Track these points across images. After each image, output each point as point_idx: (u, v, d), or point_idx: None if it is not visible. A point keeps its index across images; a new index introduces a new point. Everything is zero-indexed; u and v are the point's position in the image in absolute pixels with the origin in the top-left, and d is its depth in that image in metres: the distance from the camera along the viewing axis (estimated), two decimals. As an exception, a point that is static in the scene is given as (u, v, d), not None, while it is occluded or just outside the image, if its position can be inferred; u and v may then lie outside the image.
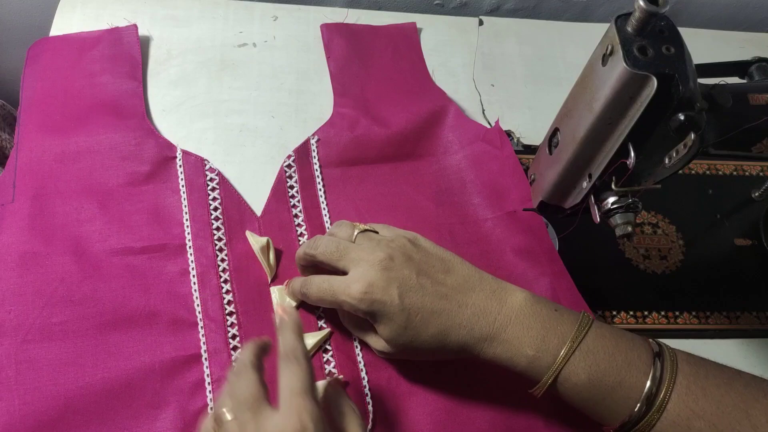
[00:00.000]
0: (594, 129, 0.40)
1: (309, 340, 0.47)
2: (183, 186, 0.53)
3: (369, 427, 0.45)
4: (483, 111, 0.64)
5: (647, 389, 0.38)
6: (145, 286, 0.48)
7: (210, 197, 0.53)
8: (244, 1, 0.68)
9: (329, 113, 0.59)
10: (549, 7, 0.78)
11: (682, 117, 0.37)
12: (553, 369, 0.39)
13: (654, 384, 0.38)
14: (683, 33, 0.37)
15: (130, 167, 0.53)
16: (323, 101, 0.61)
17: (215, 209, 0.52)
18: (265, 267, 0.50)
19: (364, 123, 0.58)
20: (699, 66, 0.40)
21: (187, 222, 0.51)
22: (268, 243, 0.50)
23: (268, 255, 0.50)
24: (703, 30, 0.75)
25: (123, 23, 0.61)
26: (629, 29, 0.37)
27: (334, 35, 0.64)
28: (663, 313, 0.55)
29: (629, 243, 0.58)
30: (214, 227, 0.51)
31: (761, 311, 0.56)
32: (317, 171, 0.56)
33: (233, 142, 0.58)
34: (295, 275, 0.50)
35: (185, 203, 0.52)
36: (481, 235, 0.54)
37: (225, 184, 0.54)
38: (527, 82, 0.67)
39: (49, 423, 0.42)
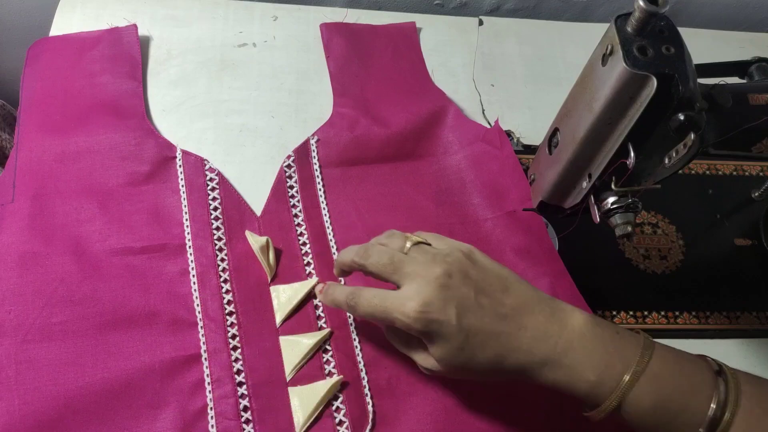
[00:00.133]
0: (594, 129, 0.40)
1: (309, 340, 0.47)
2: (183, 186, 0.53)
3: (369, 427, 0.45)
4: (483, 111, 0.64)
5: (712, 413, 0.36)
6: (145, 286, 0.48)
7: (210, 197, 0.53)
8: (244, 1, 0.68)
9: (329, 113, 0.59)
10: (549, 7, 0.78)
11: (682, 117, 0.37)
12: (616, 395, 0.37)
13: (718, 408, 0.36)
14: (683, 33, 0.37)
15: (130, 167, 0.53)
16: (323, 101, 0.61)
17: (215, 209, 0.52)
18: (265, 267, 0.50)
19: (363, 123, 0.58)
20: (699, 66, 0.40)
21: (187, 222, 0.51)
22: (267, 243, 0.50)
23: (267, 255, 0.50)
24: (703, 30, 0.75)
25: (123, 23, 0.61)
26: (629, 29, 0.37)
27: (333, 35, 0.64)
28: (663, 313, 0.54)
29: (629, 243, 0.58)
30: (213, 227, 0.51)
31: (761, 311, 0.56)
32: (317, 171, 0.56)
33: (233, 142, 0.58)
34: (295, 276, 0.50)
35: (185, 203, 0.52)
36: (481, 235, 0.54)
37: (225, 184, 0.54)
38: (527, 82, 0.67)
39: (49, 423, 0.42)
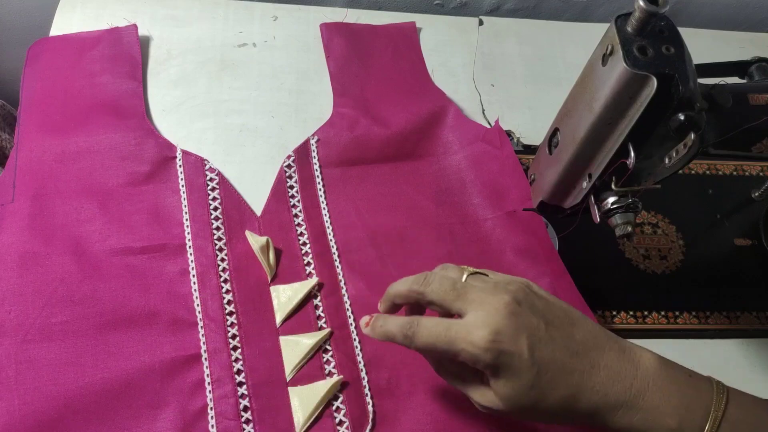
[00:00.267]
0: (594, 129, 0.40)
1: (309, 340, 0.47)
2: (183, 186, 0.53)
3: (369, 427, 0.45)
4: (483, 111, 0.64)
5: None
6: (145, 286, 0.48)
7: (210, 197, 0.53)
8: (244, 1, 0.68)
9: (329, 113, 0.59)
10: (549, 7, 0.78)
11: (682, 117, 0.37)
12: None
13: None
14: (683, 33, 0.37)
15: (130, 167, 0.53)
16: (323, 101, 0.61)
17: (215, 209, 0.52)
18: (265, 267, 0.50)
19: (363, 123, 0.58)
20: (699, 66, 0.40)
21: (187, 222, 0.51)
22: (267, 243, 0.50)
23: (267, 255, 0.50)
24: (703, 30, 0.75)
25: (123, 23, 0.61)
26: (629, 29, 0.37)
27: (333, 35, 0.64)
28: (663, 313, 0.54)
29: (629, 243, 0.58)
30: (213, 227, 0.51)
31: (761, 311, 0.56)
32: (317, 171, 0.56)
33: (233, 142, 0.58)
34: (295, 276, 0.50)
35: (185, 203, 0.52)
36: (481, 235, 0.54)
37: (225, 184, 0.54)
38: (527, 82, 0.67)
39: (49, 423, 0.42)
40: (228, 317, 0.48)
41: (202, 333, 0.47)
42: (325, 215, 0.54)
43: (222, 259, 0.50)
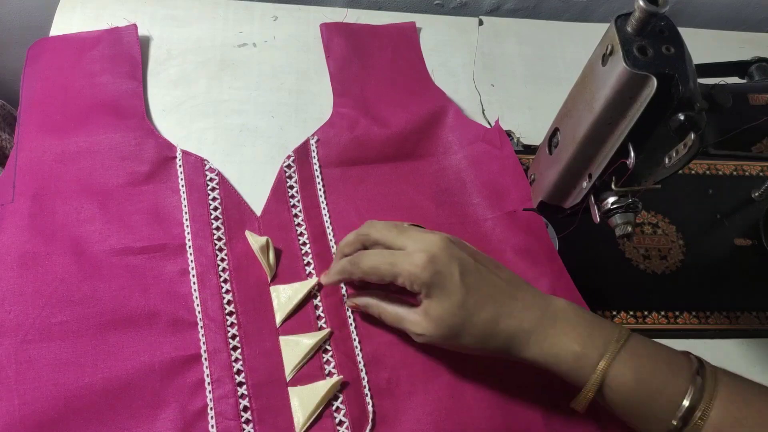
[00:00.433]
0: (594, 129, 0.40)
1: (309, 340, 0.47)
2: (183, 186, 0.53)
3: (369, 427, 0.45)
4: (483, 111, 0.64)
5: (691, 395, 0.38)
6: (145, 286, 0.48)
7: (210, 197, 0.53)
8: (244, 1, 0.68)
9: (329, 113, 0.59)
10: (549, 7, 0.78)
11: (682, 117, 0.37)
12: (602, 366, 0.39)
13: (697, 390, 0.38)
14: (683, 33, 0.37)
15: (129, 167, 0.53)
16: (323, 101, 0.61)
17: (215, 209, 0.52)
18: (265, 267, 0.50)
19: (363, 123, 0.58)
20: (699, 66, 0.40)
21: (187, 222, 0.51)
22: (267, 243, 0.50)
23: (267, 255, 0.50)
24: (703, 30, 0.75)
25: (123, 23, 0.61)
26: (629, 29, 0.37)
27: (333, 35, 0.64)
28: (663, 313, 0.54)
29: (629, 243, 0.58)
30: (213, 227, 0.51)
31: (761, 311, 0.56)
32: (317, 171, 0.56)
33: (233, 142, 0.58)
34: (295, 276, 0.50)
35: (185, 203, 0.52)
36: (481, 235, 0.54)
37: (225, 184, 0.54)
38: (527, 82, 0.67)
39: (49, 423, 0.42)
40: (228, 317, 0.48)
41: (201, 333, 0.47)
42: (325, 215, 0.54)
43: (222, 259, 0.50)
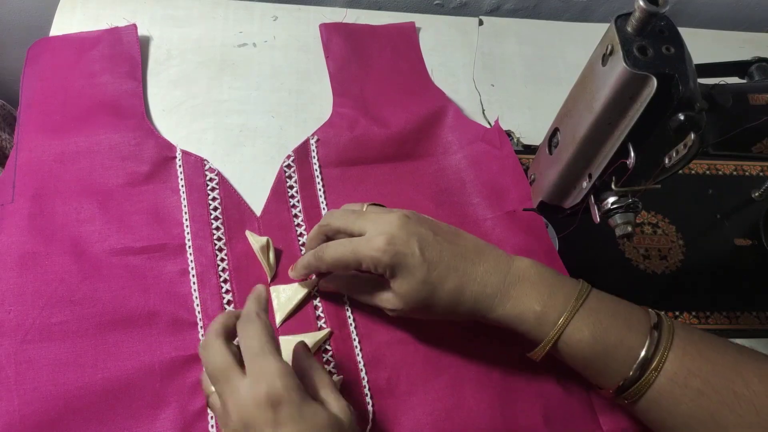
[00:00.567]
0: (594, 129, 0.40)
1: (309, 340, 0.47)
2: (183, 186, 0.53)
3: (369, 427, 0.45)
4: (483, 111, 0.64)
5: (646, 348, 0.40)
6: (145, 286, 0.48)
7: (210, 197, 0.53)
8: (244, 1, 0.68)
9: (329, 113, 0.59)
10: (549, 7, 0.78)
11: (682, 117, 0.37)
12: (560, 324, 0.40)
13: (653, 343, 0.40)
14: (683, 33, 0.37)
15: (129, 167, 0.53)
16: (323, 101, 0.61)
17: (215, 209, 0.52)
18: (265, 267, 0.50)
19: (363, 123, 0.58)
20: (699, 66, 0.40)
21: (187, 222, 0.51)
22: (267, 243, 0.50)
23: (267, 255, 0.50)
24: (703, 30, 0.75)
25: (123, 23, 0.61)
26: (629, 29, 0.37)
27: (333, 35, 0.64)
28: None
29: (629, 243, 0.58)
30: (213, 227, 0.51)
31: (761, 311, 0.56)
32: (317, 171, 0.56)
33: (233, 142, 0.58)
34: (295, 279, 0.50)
35: (185, 203, 0.52)
36: (481, 235, 0.54)
37: (225, 184, 0.54)
38: (527, 82, 0.67)
39: (49, 423, 0.42)
40: (228, 317, 0.48)
41: (201, 333, 0.47)
42: (325, 215, 0.54)
43: (222, 259, 0.50)
